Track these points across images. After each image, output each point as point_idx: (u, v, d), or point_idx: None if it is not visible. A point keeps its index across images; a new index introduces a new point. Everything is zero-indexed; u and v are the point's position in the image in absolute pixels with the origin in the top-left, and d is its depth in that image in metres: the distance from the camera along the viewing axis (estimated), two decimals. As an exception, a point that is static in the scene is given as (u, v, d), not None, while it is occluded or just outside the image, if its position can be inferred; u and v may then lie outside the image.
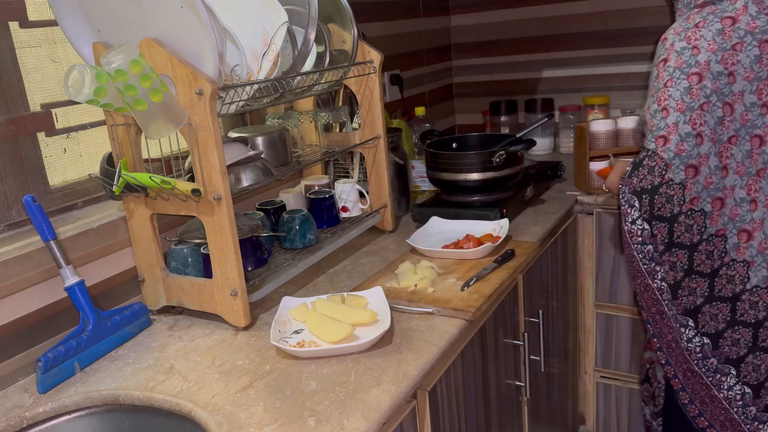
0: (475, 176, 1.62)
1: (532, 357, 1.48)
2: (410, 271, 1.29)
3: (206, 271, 1.21)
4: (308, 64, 1.37)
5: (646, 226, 1.20)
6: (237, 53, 1.14)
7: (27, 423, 0.98)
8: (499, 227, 1.50)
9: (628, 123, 1.80)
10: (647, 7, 2.22)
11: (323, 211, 1.50)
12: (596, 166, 1.77)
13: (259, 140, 1.39)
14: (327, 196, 1.50)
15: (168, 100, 1.04)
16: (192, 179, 1.12)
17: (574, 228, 1.84)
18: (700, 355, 1.24)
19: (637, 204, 1.20)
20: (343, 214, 1.57)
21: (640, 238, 1.21)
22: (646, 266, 1.23)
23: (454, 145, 1.82)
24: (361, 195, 1.59)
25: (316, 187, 1.58)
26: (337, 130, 1.66)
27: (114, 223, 1.25)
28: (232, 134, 1.42)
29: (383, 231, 1.63)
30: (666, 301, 1.24)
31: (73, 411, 1.01)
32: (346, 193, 1.56)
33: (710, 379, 1.24)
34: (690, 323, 1.24)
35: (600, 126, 1.80)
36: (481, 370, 1.24)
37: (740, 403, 1.24)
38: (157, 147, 1.21)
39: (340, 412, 0.89)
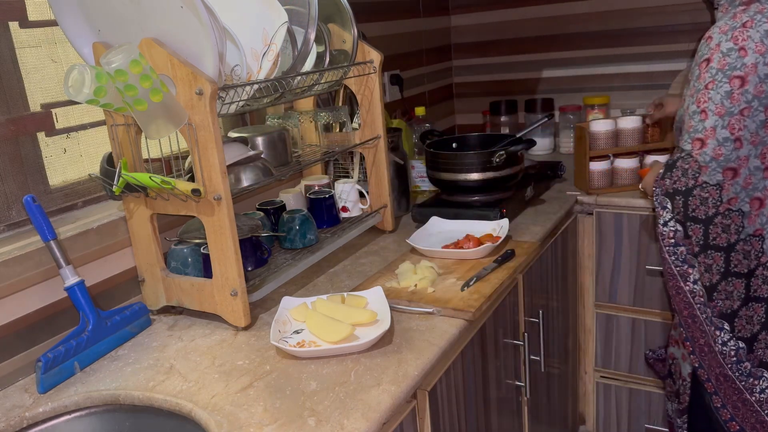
0: (475, 176, 1.62)
1: (532, 357, 1.48)
2: (410, 271, 1.30)
3: (206, 271, 1.21)
4: (308, 64, 1.37)
5: (679, 228, 1.20)
6: (237, 53, 1.14)
7: (27, 423, 0.98)
8: (499, 227, 1.50)
9: (628, 123, 1.80)
10: (647, 7, 2.23)
11: (323, 211, 1.50)
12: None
13: (259, 140, 1.39)
14: (327, 196, 1.50)
15: (168, 100, 1.04)
16: (192, 179, 1.12)
17: (574, 228, 1.84)
18: (734, 359, 1.22)
19: (669, 206, 1.20)
20: (343, 214, 1.57)
21: (672, 240, 1.21)
22: (678, 268, 1.22)
23: (454, 145, 1.82)
24: (361, 195, 1.59)
25: (316, 187, 1.58)
26: (337, 130, 1.66)
27: (114, 223, 1.25)
28: (232, 134, 1.42)
29: (383, 231, 1.63)
30: (698, 305, 1.23)
31: (73, 411, 1.01)
32: (346, 193, 1.56)
33: (743, 383, 1.23)
34: (725, 326, 1.22)
35: (600, 126, 1.80)
36: (481, 370, 1.24)
37: None
38: (157, 147, 1.21)
39: (340, 412, 0.89)
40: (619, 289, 1.85)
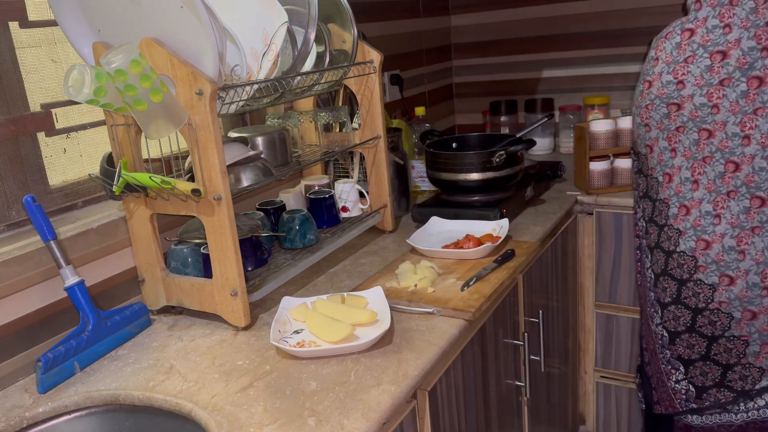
0: (475, 176, 1.62)
1: (532, 357, 1.48)
2: (410, 271, 1.29)
3: (206, 271, 1.21)
4: (308, 64, 1.37)
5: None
6: (237, 53, 1.14)
7: (27, 423, 0.98)
8: (499, 227, 1.50)
9: (628, 123, 1.80)
10: (647, 7, 2.23)
11: (323, 211, 1.50)
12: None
13: (259, 140, 1.39)
14: (327, 196, 1.50)
15: (168, 100, 1.04)
16: (192, 179, 1.12)
17: (574, 228, 1.84)
18: (660, 342, 1.38)
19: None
20: (343, 214, 1.57)
21: (634, 185, 1.45)
22: (635, 206, 1.45)
23: (454, 145, 1.82)
24: (361, 195, 1.59)
25: (316, 187, 1.58)
26: (337, 130, 1.66)
27: (114, 223, 1.25)
28: (232, 134, 1.42)
29: (383, 231, 1.63)
30: (647, 288, 1.41)
31: (73, 411, 1.01)
32: (346, 193, 1.56)
33: (663, 366, 1.39)
34: (659, 311, 1.38)
35: (600, 126, 1.80)
36: (481, 370, 1.24)
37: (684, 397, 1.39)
38: (157, 147, 1.21)
39: (340, 412, 0.89)
40: (619, 289, 1.85)
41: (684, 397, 1.36)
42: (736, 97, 1.18)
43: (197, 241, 1.24)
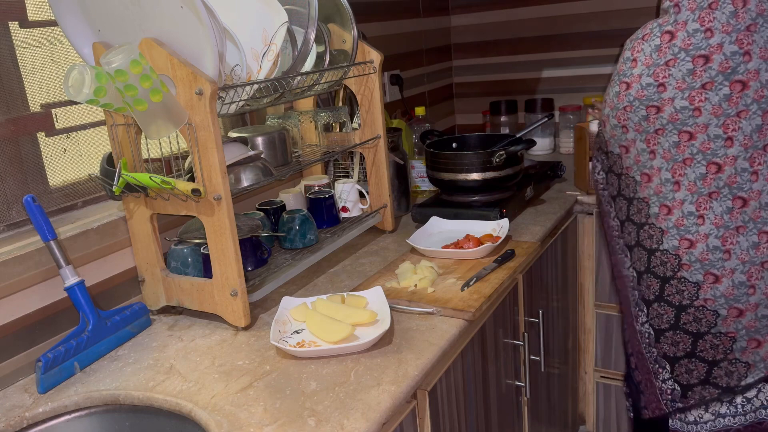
0: (475, 176, 1.62)
1: (532, 357, 1.48)
2: (410, 271, 1.30)
3: (206, 271, 1.21)
4: (308, 64, 1.37)
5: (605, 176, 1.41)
6: (237, 53, 1.14)
7: (27, 423, 0.98)
8: (499, 227, 1.50)
9: None
10: (647, 7, 2.22)
11: (323, 211, 1.50)
12: None
13: (259, 140, 1.39)
14: (327, 196, 1.50)
15: (168, 100, 1.04)
16: (192, 179, 1.12)
17: (574, 228, 1.84)
18: (647, 341, 1.36)
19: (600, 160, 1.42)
20: (343, 214, 1.57)
21: (602, 185, 1.42)
22: (606, 206, 1.42)
23: (454, 145, 1.82)
24: (361, 195, 1.59)
25: (316, 187, 1.58)
26: (337, 130, 1.66)
27: (114, 223, 1.25)
28: (232, 134, 1.42)
29: (383, 231, 1.63)
30: (630, 288, 1.39)
31: (73, 411, 1.01)
32: (346, 193, 1.56)
33: (651, 365, 1.37)
34: (644, 309, 1.37)
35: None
36: (481, 370, 1.24)
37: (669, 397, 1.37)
38: (157, 147, 1.22)
39: (340, 412, 0.89)
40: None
41: (669, 397, 1.35)
42: (718, 100, 1.18)
43: (197, 241, 1.24)
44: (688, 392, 1.33)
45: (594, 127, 1.79)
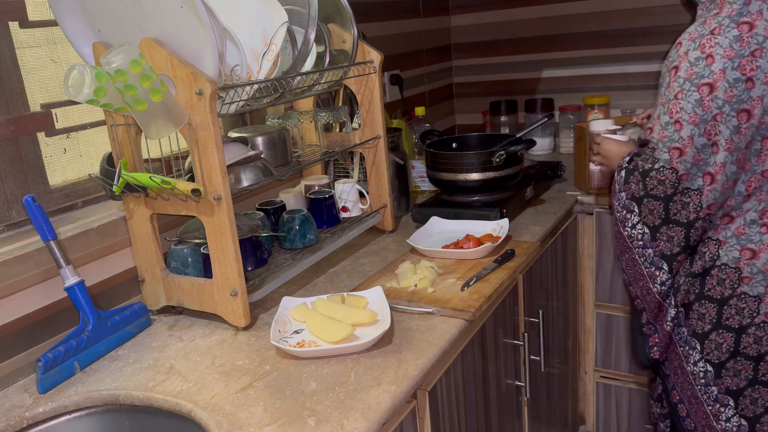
0: (475, 176, 1.62)
1: (532, 357, 1.48)
2: (410, 271, 1.30)
3: (206, 271, 1.21)
4: (308, 64, 1.37)
5: (647, 231, 1.23)
6: (237, 53, 1.14)
7: (27, 423, 0.98)
8: (499, 227, 1.50)
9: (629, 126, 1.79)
10: (647, 7, 2.23)
11: (323, 211, 1.50)
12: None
13: (259, 140, 1.39)
14: (327, 196, 1.50)
15: (168, 100, 1.04)
16: (192, 179, 1.12)
17: (574, 228, 1.84)
18: (703, 381, 1.24)
19: (636, 209, 1.23)
20: (343, 214, 1.57)
21: (641, 242, 1.25)
22: (647, 270, 1.26)
23: (454, 145, 1.82)
24: (361, 195, 1.59)
25: (316, 187, 1.58)
26: (337, 130, 1.66)
27: (114, 223, 1.25)
28: (232, 134, 1.42)
29: (383, 231, 1.63)
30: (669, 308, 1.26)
31: (73, 411, 1.01)
32: (346, 193, 1.56)
33: (710, 408, 1.25)
34: (697, 346, 1.24)
35: (600, 126, 1.79)
36: (481, 370, 1.24)
37: None
38: (157, 147, 1.21)
39: (340, 412, 0.89)
40: (619, 289, 1.85)
41: None
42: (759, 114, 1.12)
43: (197, 241, 1.24)
44: (756, 425, 1.22)
45: (597, 126, 1.77)
